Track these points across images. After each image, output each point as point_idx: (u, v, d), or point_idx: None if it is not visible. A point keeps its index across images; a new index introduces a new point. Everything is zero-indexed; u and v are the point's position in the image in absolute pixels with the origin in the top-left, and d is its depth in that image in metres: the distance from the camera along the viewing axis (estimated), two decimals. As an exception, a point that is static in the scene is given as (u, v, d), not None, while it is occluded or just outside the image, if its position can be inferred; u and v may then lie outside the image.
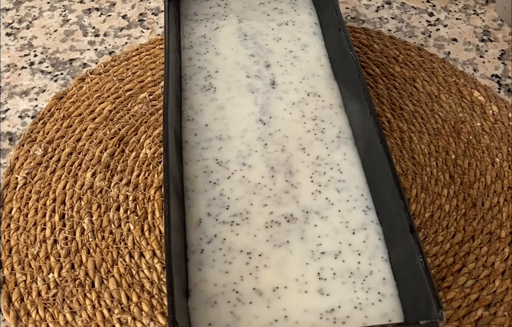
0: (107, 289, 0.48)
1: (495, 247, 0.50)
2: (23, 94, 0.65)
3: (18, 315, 0.47)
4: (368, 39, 0.69)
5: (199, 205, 0.49)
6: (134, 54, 0.68)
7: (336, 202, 0.49)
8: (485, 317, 0.46)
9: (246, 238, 0.47)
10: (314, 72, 0.60)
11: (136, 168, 0.56)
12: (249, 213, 0.49)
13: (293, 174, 0.52)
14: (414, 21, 0.74)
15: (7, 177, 0.56)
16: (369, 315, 0.43)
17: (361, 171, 0.52)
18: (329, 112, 0.57)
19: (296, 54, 0.62)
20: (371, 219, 0.48)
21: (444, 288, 0.48)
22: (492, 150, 0.57)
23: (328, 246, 0.47)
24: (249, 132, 0.55)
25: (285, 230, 0.48)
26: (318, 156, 0.53)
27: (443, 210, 0.53)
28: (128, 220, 0.52)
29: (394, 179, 0.45)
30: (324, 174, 0.51)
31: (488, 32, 0.72)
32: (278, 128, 0.55)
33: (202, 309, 0.43)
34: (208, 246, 0.47)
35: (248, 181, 0.51)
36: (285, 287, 0.44)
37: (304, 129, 0.55)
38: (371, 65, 0.66)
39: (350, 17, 0.74)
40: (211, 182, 0.51)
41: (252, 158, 0.53)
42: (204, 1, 0.69)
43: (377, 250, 0.46)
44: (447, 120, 0.60)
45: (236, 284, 0.45)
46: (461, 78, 0.65)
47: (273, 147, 0.54)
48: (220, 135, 0.55)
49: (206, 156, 0.53)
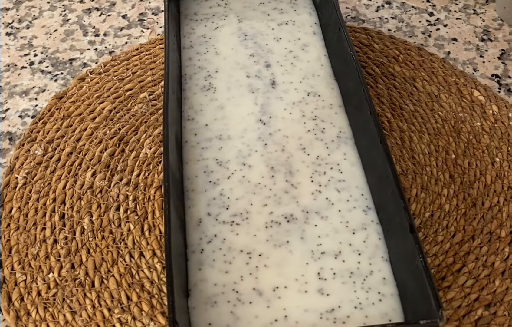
0: (107, 289, 0.48)
1: (495, 247, 0.50)
2: (23, 94, 0.65)
3: (18, 315, 0.47)
4: (368, 39, 0.69)
5: (199, 205, 0.49)
6: (134, 54, 0.68)
7: (336, 202, 0.49)
8: (485, 317, 0.46)
9: (246, 238, 0.47)
10: (314, 72, 0.60)
11: (136, 167, 0.56)
12: (249, 213, 0.49)
13: (293, 174, 0.51)
14: (414, 20, 0.74)
15: (7, 177, 0.56)
16: (369, 315, 0.43)
17: (361, 171, 0.52)
18: (329, 112, 0.57)
19: (296, 54, 0.62)
20: (371, 219, 0.48)
21: (444, 288, 0.48)
22: (492, 150, 0.57)
23: (328, 246, 0.47)
24: (249, 132, 0.55)
25: (285, 230, 0.48)
26: (318, 156, 0.53)
27: (443, 210, 0.53)
28: (128, 220, 0.52)
29: (394, 178, 0.45)
30: (324, 174, 0.51)
31: (488, 31, 0.72)
32: (278, 128, 0.55)
33: (202, 309, 0.43)
34: (208, 246, 0.47)
35: (248, 181, 0.51)
36: (285, 287, 0.44)
37: (304, 129, 0.55)
38: (371, 65, 0.66)
39: (350, 16, 0.74)
40: (211, 182, 0.51)
41: (252, 158, 0.53)
42: (204, 1, 0.69)
43: (377, 250, 0.46)
44: (447, 119, 0.60)
45: (236, 284, 0.44)
46: (461, 78, 0.64)
47: (273, 147, 0.54)
48: (220, 135, 0.55)
49: (206, 156, 0.53)
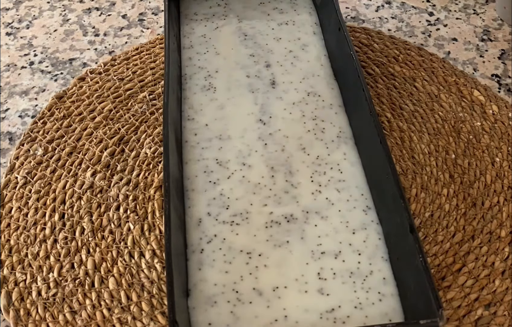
0: (107, 289, 0.48)
1: (495, 247, 0.50)
2: (23, 94, 0.65)
3: (18, 315, 0.47)
4: (368, 38, 0.69)
5: (199, 205, 0.49)
6: (134, 53, 0.68)
7: (336, 202, 0.49)
8: (485, 317, 0.46)
9: (246, 238, 0.47)
10: (314, 72, 0.60)
11: (136, 167, 0.56)
12: (249, 213, 0.49)
13: (293, 174, 0.51)
14: (414, 20, 0.74)
15: (7, 177, 0.56)
16: (369, 314, 0.43)
17: (361, 170, 0.52)
18: (329, 112, 0.57)
19: (296, 54, 0.62)
20: (371, 218, 0.48)
21: (444, 288, 0.48)
22: (492, 150, 0.57)
23: (328, 246, 0.47)
24: (249, 132, 0.55)
25: (285, 230, 0.48)
26: (318, 156, 0.53)
27: (443, 210, 0.53)
28: (128, 220, 0.52)
29: (394, 178, 0.45)
30: (324, 174, 0.51)
31: (488, 31, 0.72)
32: (278, 128, 0.55)
33: (202, 309, 0.43)
34: (208, 246, 0.47)
35: (248, 181, 0.51)
36: (285, 287, 0.44)
37: (304, 129, 0.55)
38: (371, 65, 0.66)
39: (350, 16, 0.74)
40: (211, 182, 0.51)
41: (252, 158, 0.53)
42: (204, 1, 0.69)
43: (377, 250, 0.46)
44: (447, 119, 0.60)
45: (236, 284, 0.44)
46: (461, 78, 0.64)
47: (273, 147, 0.54)
48: (220, 134, 0.54)
49: (206, 156, 0.53)
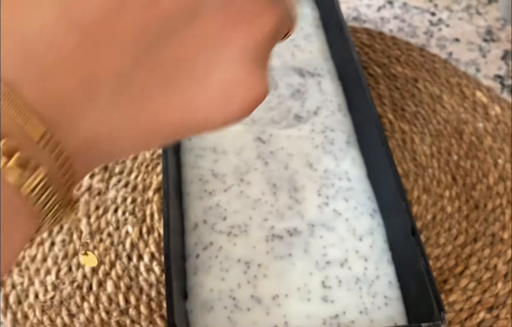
0: (105, 292, 0.47)
1: (498, 249, 0.50)
2: (22, 95, 0.64)
3: (16, 318, 0.46)
4: (369, 39, 0.69)
5: (196, 210, 0.48)
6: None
7: (344, 211, 0.48)
8: (488, 320, 0.46)
9: (244, 249, 0.45)
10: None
11: (135, 169, 0.56)
12: (248, 226, 0.47)
13: (298, 190, 0.49)
14: (416, 21, 0.73)
15: (5, 179, 0.55)
16: (375, 319, 0.42)
17: (365, 172, 0.51)
18: (338, 116, 0.56)
19: (298, 43, 0.62)
20: (378, 222, 0.47)
21: (446, 291, 0.47)
22: (495, 151, 0.57)
23: (334, 255, 0.45)
24: (246, 150, 0.53)
25: (287, 243, 0.45)
26: (325, 170, 0.51)
27: (445, 212, 0.52)
28: (127, 222, 0.52)
29: (396, 180, 0.45)
30: (332, 186, 0.49)
31: (490, 32, 0.72)
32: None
33: (199, 313, 0.42)
34: (204, 252, 0.45)
35: (247, 197, 0.48)
36: (286, 295, 0.42)
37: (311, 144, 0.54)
38: (372, 66, 0.65)
39: (352, 17, 0.74)
40: (206, 191, 0.49)
41: (251, 176, 0.50)
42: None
43: (383, 254, 0.45)
44: (449, 121, 0.60)
45: (233, 291, 0.43)
46: (463, 79, 0.64)
47: (274, 147, 0.53)
48: (215, 147, 0.52)
49: (201, 165, 0.51)
